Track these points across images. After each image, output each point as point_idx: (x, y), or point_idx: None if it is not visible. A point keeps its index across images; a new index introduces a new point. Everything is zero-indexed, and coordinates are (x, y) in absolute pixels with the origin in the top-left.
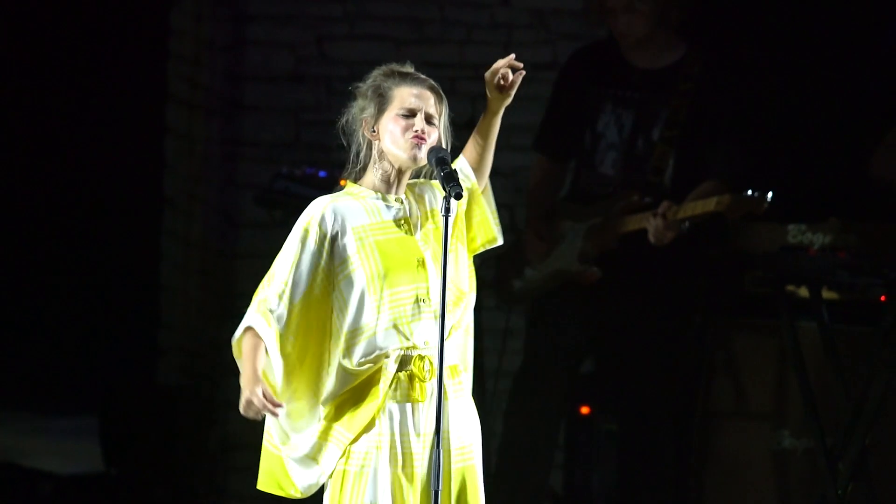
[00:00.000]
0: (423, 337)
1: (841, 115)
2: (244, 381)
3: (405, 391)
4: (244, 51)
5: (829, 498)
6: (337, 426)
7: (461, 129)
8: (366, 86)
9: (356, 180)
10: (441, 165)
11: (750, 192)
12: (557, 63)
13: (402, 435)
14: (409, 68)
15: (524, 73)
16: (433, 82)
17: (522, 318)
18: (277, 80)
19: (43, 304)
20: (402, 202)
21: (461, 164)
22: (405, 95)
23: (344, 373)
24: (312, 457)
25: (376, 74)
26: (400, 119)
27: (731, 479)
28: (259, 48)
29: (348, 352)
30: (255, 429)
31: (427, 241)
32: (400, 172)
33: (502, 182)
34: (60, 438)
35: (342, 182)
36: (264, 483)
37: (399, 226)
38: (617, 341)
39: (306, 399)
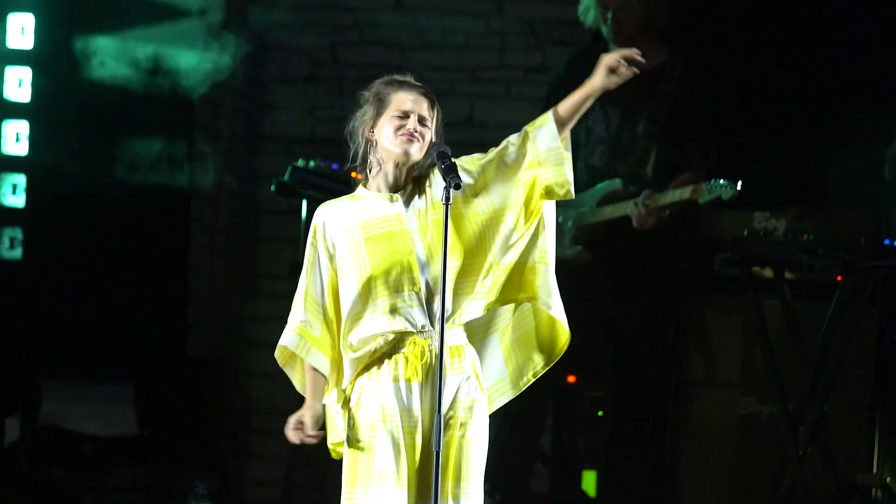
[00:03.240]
0: (417, 321)
1: (804, 115)
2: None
3: (402, 371)
4: (265, 56)
5: (790, 457)
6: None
7: (460, 127)
8: (368, 93)
9: (365, 184)
10: (442, 159)
11: (722, 181)
12: (547, 66)
13: (401, 410)
14: (409, 77)
15: (637, 73)
16: (428, 90)
17: None
18: (295, 82)
19: (85, 284)
20: (400, 198)
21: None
22: (402, 99)
23: (350, 354)
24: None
25: (378, 83)
26: (395, 119)
27: (702, 441)
28: (279, 53)
29: (347, 336)
30: (275, 396)
31: (424, 232)
32: (398, 169)
33: None
34: (100, 404)
35: (353, 174)
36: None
37: (394, 220)
38: (602, 318)
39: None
